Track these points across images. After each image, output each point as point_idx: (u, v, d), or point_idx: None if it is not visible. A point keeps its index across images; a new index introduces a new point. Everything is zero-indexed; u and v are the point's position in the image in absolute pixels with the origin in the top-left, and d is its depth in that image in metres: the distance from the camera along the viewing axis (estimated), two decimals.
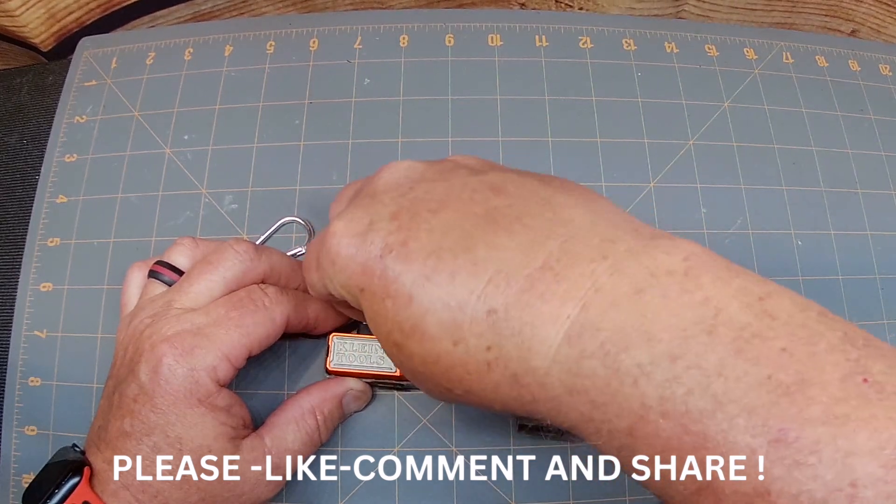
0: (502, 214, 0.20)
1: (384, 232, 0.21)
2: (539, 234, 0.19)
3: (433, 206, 0.21)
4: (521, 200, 0.21)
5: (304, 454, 0.29)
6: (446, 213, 0.21)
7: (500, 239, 0.19)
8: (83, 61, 0.40)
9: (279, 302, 0.28)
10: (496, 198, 0.21)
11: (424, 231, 0.20)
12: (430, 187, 0.22)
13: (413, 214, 0.21)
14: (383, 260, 0.20)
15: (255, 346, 0.27)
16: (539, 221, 0.20)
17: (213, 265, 0.28)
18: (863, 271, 0.36)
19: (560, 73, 0.39)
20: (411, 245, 0.20)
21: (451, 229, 0.20)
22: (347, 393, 0.30)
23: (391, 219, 0.21)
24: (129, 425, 0.25)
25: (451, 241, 0.20)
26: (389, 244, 0.21)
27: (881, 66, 0.41)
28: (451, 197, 0.21)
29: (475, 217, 0.20)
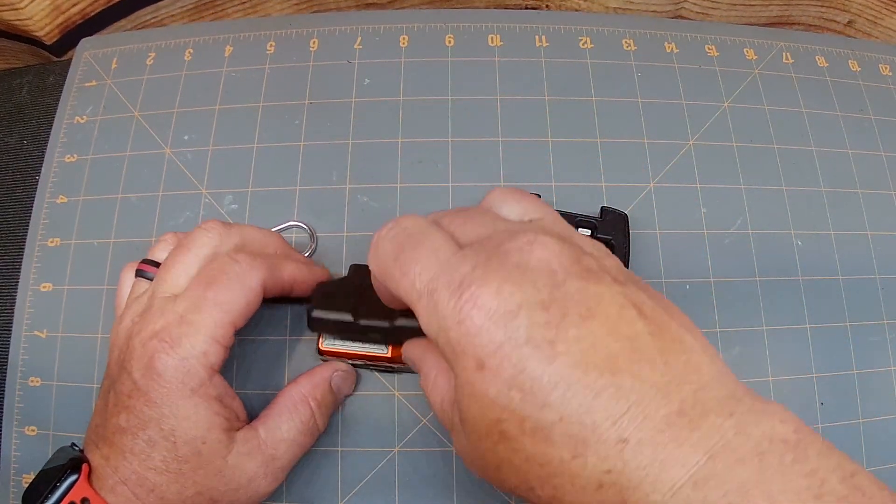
0: (646, 344, 0.20)
1: (532, 321, 0.20)
2: (676, 377, 0.20)
3: (584, 311, 0.21)
4: (661, 333, 0.21)
5: (300, 444, 0.29)
6: (594, 323, 0.20)
7: (643, 371, 0.20)
8: (83, 62, 0.40)
9: (252, 267, 0.28)
10: (640, 321, 0.21)
11: (573, 337, 0.20)
12: (583, 288, 0.21)
13: (564, 314, 0.20)
14: (524, 349, 0.20)
15: (238, 319, 0.27)
16: (676, 363, 0.20)
17: (186, 247, 0.28)
18: (863, 271, 0.36)
19: (560, 73, 0.39)
20: (559, 348, 0.20)
21: (597, 344, 0.20)
22: (335, 375, 0.31)
23: (541, 308, 0.20)
24: (125, 421, 0.25)
25: (598, 358, 0.20)
26: (536, 338, 0.20)
27: (881, 66, 0.41)
28: (600, 305, 0.21)
29: (622, 340, 0.20)
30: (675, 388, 0.20)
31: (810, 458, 0.19)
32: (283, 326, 0.33)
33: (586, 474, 0.20)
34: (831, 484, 0.19)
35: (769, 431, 0.19)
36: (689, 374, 0.20)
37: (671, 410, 0.19)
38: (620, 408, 0.19)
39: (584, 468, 0.20)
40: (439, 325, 0.21)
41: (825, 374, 0.34)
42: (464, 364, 0.21)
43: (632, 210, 0.36)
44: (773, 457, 0.19)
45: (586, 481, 0.20)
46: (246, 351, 0.33)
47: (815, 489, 0.19)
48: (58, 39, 0.42)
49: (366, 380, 0.33)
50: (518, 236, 0.22)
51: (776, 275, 0.35)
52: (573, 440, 0.20)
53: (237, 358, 0.33)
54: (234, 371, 0.33)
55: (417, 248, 0.22)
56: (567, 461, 0.20)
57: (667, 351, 0.21)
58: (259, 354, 0.33)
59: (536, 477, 0.21)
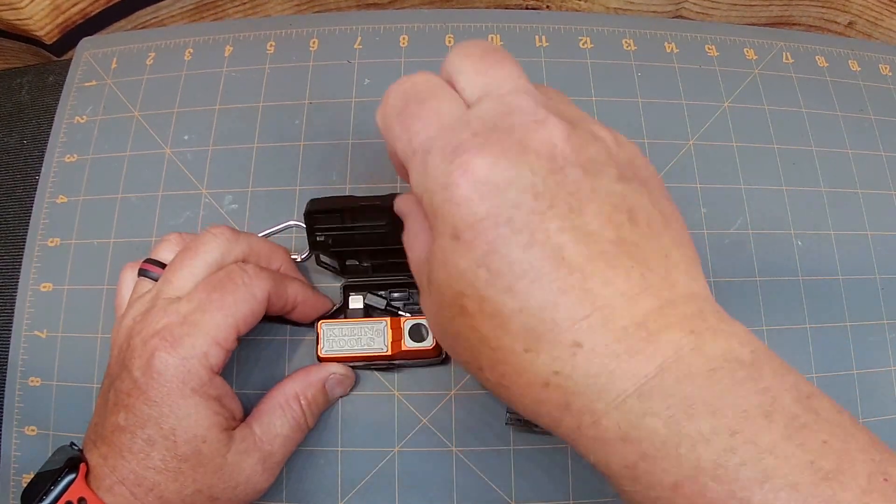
0: (626, 252, 0.20)
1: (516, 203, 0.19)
2: (648, 290, 0.20)
3: (573, 204, 0.20)
4: (647, 245, 0.20)
5: (293, 440, 0.29)
6: (580, 220, 0.20)
7: (617, 279, 0.19)
8: (83, 61, 0.40)
9: (259, 278, 0.28)
10: (628, 226, 0.20)
11: (554, 229, 0.19)
12: (579, 180, 0.20)
13: (551, 204, 0.20)
14: (501, 231, 0.19)
15: (241, 324, 0.27)
16: (652, 276, 0.20)
17: (193, 251, 0.28)
18: (863, 271, 0.36)
19: (560, 73, 0.39)
20: (538, 237, 0.19)
21: (578, 243, 0.19)
22: (330, 377, 0.31)
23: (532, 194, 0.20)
24: (124, 419, 0.25)
25: (574, 256, 0.19)
26: (516, 221, 0.19)
27: (881, 66, 0.41)
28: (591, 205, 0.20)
29: (603, 242, 0.20)
30: (644, 300, 0.19)
31: (764, 377, 0.19)
32: (284, 327, 0.33)
33: (534, 370, 0.19)
34: (783, 402, 0.18)
35: (725, 350, 0.19)
36: (661, 289, 0.20)
37: (633, 322, 0.19)
38: (583, 311, 0.19)
39: (533, 364, 0.19)
40: (426, 185, 0.21)
41: (825, 374, 0.34)
42: (441, 229, 0.20)
43: None
44: (725, 374, 0.19)
45: (534, 377, 0.19)
46: (246, 351, 0.33)
47: (766, 406, 0.18)
48: (58, 39, 0.42)
49: (366, 380, 0.33)
50: (527, 112, 0.21)
51: (776, 275, 0.35)
52: (529, 334, 0.19)
53: (237, 358, 0.33)
54: (234, 371, 0.33)
55: (422, 105, 0.22)
56: (518, 353, 0.19)
57: (645, 263, 0.20)
58: (259, 355, 0.33)
59: (487, 359, 0.20)
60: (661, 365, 0.19)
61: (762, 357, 0.20)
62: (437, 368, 0.33)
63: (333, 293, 0.33)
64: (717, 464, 0.18)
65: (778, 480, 0.17)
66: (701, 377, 0.19)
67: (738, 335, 0.20)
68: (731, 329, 0.20)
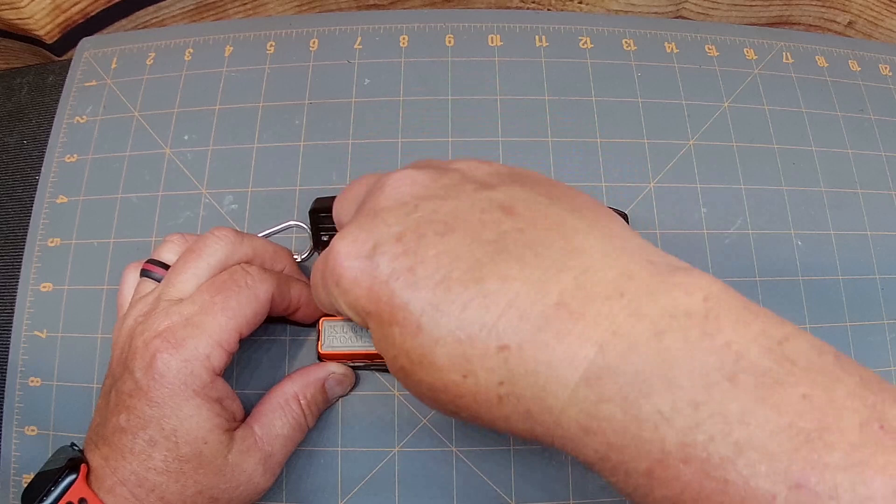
0: (513, 241, 0.19)
1: (389, 256, 0.20)
2: (552, 267, 0.19)
3: (440, 228, 0.20)
4: (531, 224, 0.20)
5: (293, 440, 0.29)
6: (454, 236, 0.20)
7: (511, 270, 0.19)
8: (83, 61, 0.40)
9: (262, 280, 0.28)
10: (506, 220, 0.20)
11: (432, 256, 0.20)
12: (437, 206, 0.21)
13: (419, 237, 0.20)
14: (389, 285, 0.20)
15: (244, 326, 0.27)
16: (551, 251, 0.19)
17: (197, 253, 0.28)
18: (863, 271, 0.36)
19: (560, 73, 0.39)
20: (419, 272, 0.19)
21: (459, 256, 0.19)
22: (329, 377, 0.31)
23: (396, 241, 0.20)
24: (125, 420, 0.25)
25: (460, 270, 0.19)
26: (396, 270, 0.20)
27: (881, 66, 0.41)
28: (458, 218, 0.20)
29: (485, 244, 0.19)
30: (553, 279, 0.18)
31: (723, 330, 0.17)
32: (284, 328, 0.33)
33: (483, 391, 0.19)
34: (750, 357, 0.16)
35: (669, 306, 0.17)
36: (567, 260, 0.19)
37: (548, 304, 0.18)
38: (492, 314, 0.18)
39: (477, 385, 0.19)
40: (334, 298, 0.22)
41: None
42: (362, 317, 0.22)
43: (632, 210, 0.36)
44: (674, 335, 0.17)
45: (486, 397, 0.19)
46: (247, 352, 0.33)
47: (729, 367, 0.16)
48: (58, 39, 0.42)
49: (366, 380, 0.33)
50: (372, 189, 0.23)
51: (776, 275, 0.35)
52: (457, 360, 0.19)
53: (238, 359, 0.33)
54: (235, 372, 0.33)
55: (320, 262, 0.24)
56: (460, 383, 0.19)
57: (538, 242, 0.19)
58: (260, 355, 0.33)
59: (449, 403, 0.20)
60: (599, 342, 0.17)
61: (718, 303, 0.17)
62: None
63: None
64: (684, 444, 0.16)
65: (752, 453, 0.15)
66: (647, 346, 0.17)
67: (682, 284, 0.18)
68: (672, 279, 0.18)
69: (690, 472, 0.16)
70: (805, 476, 0.15)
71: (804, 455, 0.15)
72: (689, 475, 0.16)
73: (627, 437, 0.17)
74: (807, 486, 0.15)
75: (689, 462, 0.16)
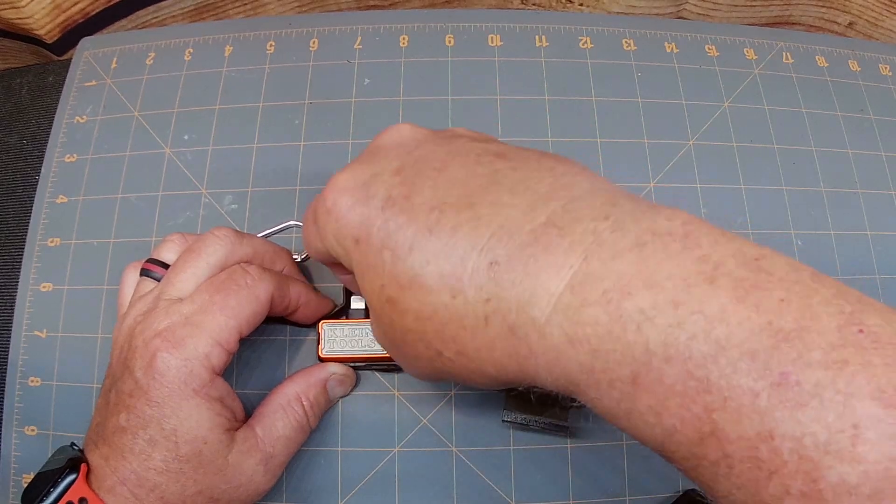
0: (505, 176, 0.20)
1: (387, 185, 0.21)
2: (542, 196, 0.20)
3: (437, 164, 0.21)
4: (523, 165, 0.21)
5: (295, 441, 0.29)
6: (450, 171, 0.21)
7: (503, 198, 0.20)
8: (83, 61, 0.40)
9: (262, 279, 0.28)
10: (499, 161, 0.21)
11: (428, 187, 0.21)
12: (435, 148, 0.22)
13: (417, 171, 0.21)
14: (384, 212, 0.21)
15: (243, 326, 0.27)
16: (542, 185, 0.20)
17: (197, 252, 0.28)
18: (863, 271, 0.36)
19: (560, 73, 0.39)
20: (415, 199, 0.20)
21: (454, 187, 0.20)
22: (331, 377, 0.31)
23: (394, 173, 0.21)
24: (125, 420, 0.25)
25: (454, 197, 0.20)
26: (392, 197, 0.21)
27: (881, 66, 0.41)
28: (455, 158, 0.21)
29: (479, 177, 0.20)
30: (542, 205, 0.19)
31: (702, 245, 0.17)
32: (284, 328, 0.33)
33: (471, 311, 0.19)
34: (727, 267, 0.17)
35: (651, 226, 0.18)
36: (556, 192, 0.20)
37: (537, 224, 0.19)
38: (482, 235, 0.19)
39: (465, 305, 0.19)
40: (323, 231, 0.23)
41: None
42: (347, 248, 0.22)
43: None
44: (657, 246, 0.17)
45: (473, 318, 0.19)
46: (247, 352, 0.33)
47: (708, 273, 0.16)
48: (58, 38, 0.42)
49: (366, 380, 0.33)
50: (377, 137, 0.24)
51: None
52: (447, 279, 0.19)
53: (238, 359, 0.33)
54: (234, 372, 0.33)
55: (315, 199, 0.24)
56: (449, 304, 0.19)
57: (529, 178, 0.20)
58: (260, 355, 0.33)
59: (434, 335, 0.20)
60: (583, 252, 0.18)
61: (697, 228, 0.18)
62: None
63: (335, 293, 0.33)
64: (667, 343, 0.16)
65: (733, 350, 0.15)
66: (630, 254, 0.17)
67: (663, 212, 0.18)
68: (653, 211, 0.19)
69: (674, 373, 0.16)
70: (786, 373, 0.15)
71: (784, 352, 0.15)
72: (673, 376, 0.16)
73: (611, 340, 0.17)
74: (788, 383, 0.15)
75: (671, 361, 0.16)
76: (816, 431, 0.14)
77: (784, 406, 0.15)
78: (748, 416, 0.15)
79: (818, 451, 0.14)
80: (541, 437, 0.32)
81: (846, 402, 0.14)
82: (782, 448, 0.15)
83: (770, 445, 0.15)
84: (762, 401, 0.15)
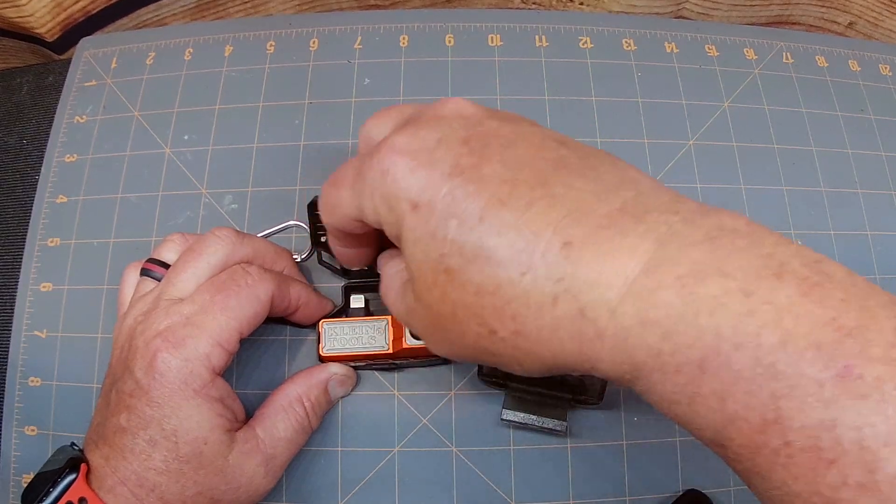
0: (573, 163, 0.20)
1: (455, 152, 0.20)
2: (612, 185, 0.20)
3: (504, 141, 0.21)
4: (588, 155, 0.21)
5: (296, 443, 0.29)
6: (518, 149, 0.20)
7: (575, 182, 0.19)
8: (83, 61, 0.40)
9: (263, 280, 0.28)
10: (563, 148, 0.21)
11: (497, 161, 0.20)
12: (500, 125, 0.21)
13: (485, 144, 0.20)
14: (452, 179, 0.20)
15: (244, 326, 0.27)
16: (610, 176, 0.20)
17: (197, 252, 0.28)
18: (863, 271, 0.36)
19: (560, 73, 0.39)
20: (485, 169, 0.20)
21: (523, 165, 0.20)
22: (332, 378, 0.31)
23: (462, 143, 0.21)
24: (126, 420, 0.25)
25: (525, 174, 0.20)
26: (461, 165, 0.20)
27: (881, 66, 0.41)
28: (521, 137, 0.21)
29: (546, 161, 0.20)
30: (614, 193, 0.19)
31: (766, 245, 0.18)
32: (284, 328, 0.33)
33: (539, 289, 0.19)
34: (792, 266, 0.17)
35: (718, 223, 0.19)
36: (626, 183, 0.20)
37: (612, 209, 0.19)
38: (558, 213, 0.19)
39: (535, 282, 0.19)
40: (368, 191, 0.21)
41: None
42: (400, 212, 0.21)
43: None
44: (726, 241, 0.18)
45: (541, 297, 0.19)
46: (247, 352, 0.33)
47: (774, 269, 0.17)
48: (59, 37, 0.42)
49: (366, 380, 0.33)
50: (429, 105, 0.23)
51: None
52: (518, 254, 0.19)
53: (238, 359, 0.33)
54: (235, 372, 0.33)
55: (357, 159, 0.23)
56: (517, 280, 0.19)
57: (598, 168, 0.20)
58: (260, 355, 0.33)
59: (492, 311, 0.20)
60: (657, 239, 0.18)
61: (759, 229, 0.19)
62: (437, 368, 0.33)
63: (335, 293, 0.33)
64: (737, 329, 0.17)
65: (800, 341, 0.16)
66: (702, 244, 0.18)
67: (726, 213, 0.19)
68: (717, 211, 0.19)
69: (743, 360, 0.17)
70: (849, 366, 0.15)
71: (848, 346, 0.16)
72: (742, 363, 0.17)
73: (683, 323, 0.17)
74: (851, 376, 0.15)
75: (741, 348, 0.17)
76: (876, 423, 0.15)
77: (847, 397, 0.15)
78: (812, 404, 0.16)
79: (877, 442, 0.15)
80: (541, 437, 0.32)
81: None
82: (843, 438, 0.15)
83: (832, 434, 0.15)
84: (826, 391, 0.16)
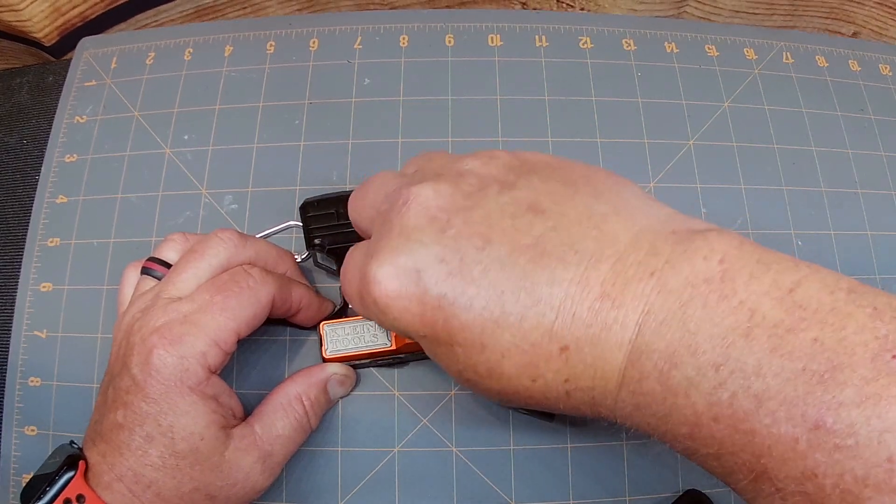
0: (551, 242, 0.21)
1: (435, 280, 0.21)
2: (591, 259, 0.20)
3: (478, 241, 0.21)
4: (563, 220, 0.21)
5: (294, 441, 0.29)
6: (493, 247, 0.21)
7: (557, 273, 0.20)
8: (83, 61, 0.40)
9: (264, 282, 0.28)
10: (538, 221, 0.21)
11: (479, 274, 0.21)
12: (467, 217, 0.21)
13: (462, 256, 0.21)
14: (444, 310, 0.21)
15: (242, 328, 0.27)
16: (587, 244, 0.20)
17: (199, 253, 0.28)
18: (863, 271, 0.36)
19: (560, 73, 0.39)
20: (470, 291, 0.21)
21: (505, 267, 0.20)
22: (331, 378, 0.31)
23: (439, 262, 0.21)
24: (122, 417, 0.25)
25: (510, 282, 0.20)
26: (447, 294, 0.21)
27: (881, 66, 0.41)
28: (493, 227, 0.21)
29: (525, 249, 0.21)
30: (593, 271, 0.20)
31: (737, 291, 0.18)
32: (285, 328, 0.33)
33: (552, 390, 0.21)
34: (763, 311, 0.18)
35: (691, 276, 0.19)
36: (604, 249, 0.20)
37: (595, 298, 0.20)
38: (549, 318, 0.20)
39: (546, 387, 0.21)
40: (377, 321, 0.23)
41: None
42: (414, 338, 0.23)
43: None
44: (695, 304, 0.18)
45: (556, 394, 0.21)
46: (247, 352, 0.33)
47: (744, 325, 0.18)
48: (57, 42, 0.42)
49: (366, 380, 0.33)
50: (395, 202, 0.23)
51: None
52: (524, 368, 0.20)
53: (238, 358, 0.33)
54: (235, 371, 0.33)
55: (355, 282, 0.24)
56: (530, 387, 0.21)
57: (575, 237, 0.21)
58: (260, 354, 0.33)
59: (519, 402, 0.22)
60: (637, 323, 0.19)
61: (733, 264, 0.19)
62: (437, 368, 0.33)
63: (334, 293, 0.33)
64: (712, 403, 0.18)
65: (771, 402, 0.17)
66: (673, 318, 0.19)
67: (700, 249, 0.19)
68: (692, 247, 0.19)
69: (722, 430, 0.18)
70: (821, 416, 0.16)
71: (818, 396, 0.16)
72: (721, 432, 0.18)
73: (667, 406, 0.19)
74: (825, 427, 0.16)
75: (718, 420, 0.18)
76: (854, 468, 0.15)
77: (822, 449, 0.16)
78: (791, 459, 0.16)
79: (858, 484, 0.15)
80: (541, 436, 0.32)
81: (880, 439, 0.15)
82: (825, 485, 0.16)
83: (814, 483, 0.16)
84: (802, 445, 0.16)
